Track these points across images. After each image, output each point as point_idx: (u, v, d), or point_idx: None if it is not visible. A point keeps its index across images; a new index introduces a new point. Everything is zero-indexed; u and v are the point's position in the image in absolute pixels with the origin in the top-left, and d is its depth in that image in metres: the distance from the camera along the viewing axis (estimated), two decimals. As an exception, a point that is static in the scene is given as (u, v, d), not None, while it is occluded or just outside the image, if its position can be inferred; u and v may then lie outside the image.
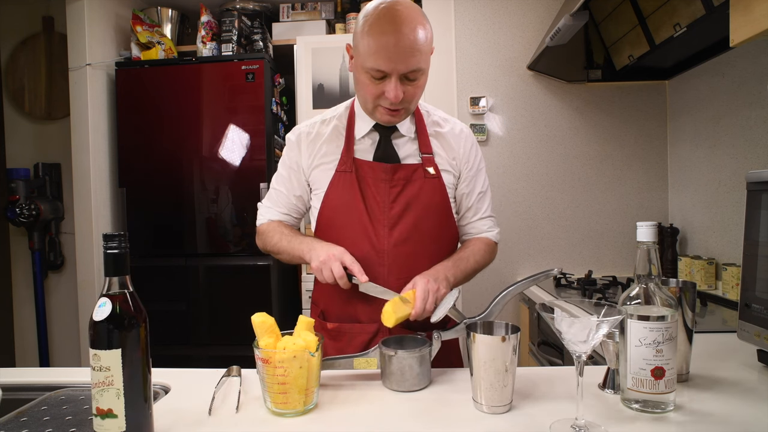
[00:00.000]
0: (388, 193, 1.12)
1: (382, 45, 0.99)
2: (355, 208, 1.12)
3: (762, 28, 1.11)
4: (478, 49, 2.49)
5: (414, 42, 1.00)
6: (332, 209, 1.15)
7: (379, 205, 1.12)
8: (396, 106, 1.06)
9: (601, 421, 0.78)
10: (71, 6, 2.41)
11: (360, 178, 1.13)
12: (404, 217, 1.12)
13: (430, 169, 1.15)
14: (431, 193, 1.14)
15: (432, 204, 1.14)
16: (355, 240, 1.11)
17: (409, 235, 1.12)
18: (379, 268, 1.11)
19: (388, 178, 1.13)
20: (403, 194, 1.13)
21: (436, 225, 1.16)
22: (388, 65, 1.01)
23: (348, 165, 1.14)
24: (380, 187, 1.13)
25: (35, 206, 2.61)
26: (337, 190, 1.14)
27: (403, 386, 0.93)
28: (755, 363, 1.01)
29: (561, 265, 2.42)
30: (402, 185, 1.13)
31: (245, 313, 0.93)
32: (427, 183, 1.14)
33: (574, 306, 1.16)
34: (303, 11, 2.70)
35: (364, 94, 1.09)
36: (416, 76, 1.04)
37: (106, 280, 0.70)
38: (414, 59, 1.01)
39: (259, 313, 0.88)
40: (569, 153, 2.48)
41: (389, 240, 1.12)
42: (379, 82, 1.04)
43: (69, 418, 0.86)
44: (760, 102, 1.77)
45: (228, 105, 2.41)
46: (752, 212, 1.02)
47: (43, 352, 2.74)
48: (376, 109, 1.10)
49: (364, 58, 1.03)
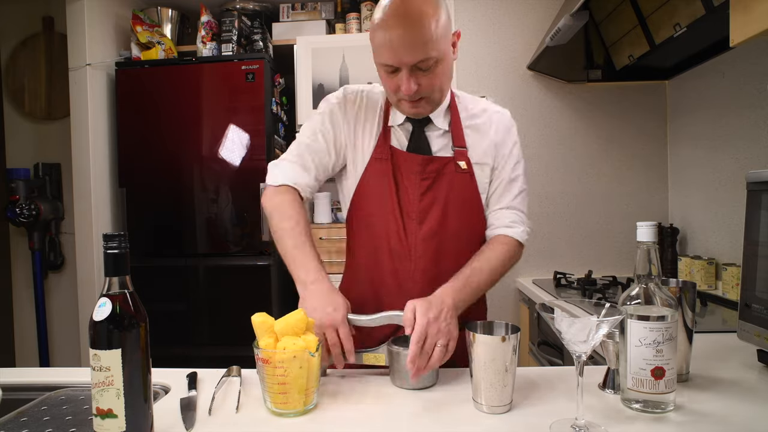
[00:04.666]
0: (418, 186, 1.09)
1: (387, 39, 0.97)
2: (388, 198, 1.10)
3: (762, 28, 1.11)
4: (478, 49, 2.49)
5: (419, 33, 0.96)
6: (366, 197, 1.13)
7: (410, 198, 1.10)
8: (415, 98, 1.03)
9: (601, 421, 0.78)
10: (71, 6, 2.41)
11: (394, 167, 1.10)
12: (432, 212, 1.09)
13: (462, 163, 1.11)
14: (461, 188, 1.11)
15: (461, 199, 1.11)
16: (385, 232, 1.10)
17: (437, 231, 1.09)
18: (407, 262, 1.09)
19: (420, 170, 1.09)
20: (432, 188, 1.10)
21: (464, 221, 1.12)
22: (394, 59, 0.98)
23: (385, 153, 1.11)
24: (412, 179, 1.10)
25: (35, 206, 2.61)
26: (372, 178, 1.12)
27: (407, 384, 0.93)
28: (755, 363, 1.01)
29: (561, 265, 2.42)
30: (432, 178, 1.10)
31: (245, 313, 0.93)
32: (458, 177, 1.11)
33: (574, 306, 1.16)
34: (303, 11, 2.70)
35: (385, 88, 1.08)
36: (428, 66, 0.99)
37: (106, 280, 0.70)
38: (420, 50, 0.97)
39: (259, 313, 0.88)
40: (569, 153, 2.48)
41: (418, 234, 1.09)
42: (393, 76, 1.02)
43: (69, 418, 0.86)
44: (760, 102, 1.77)
45: (228, 105, 2.41)
46: (752, 212, 1.02)
47: (43, 352, 2.74)
48: (399, 103, 1.08)
49: (376, 53, 1.02)
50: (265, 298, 2.38)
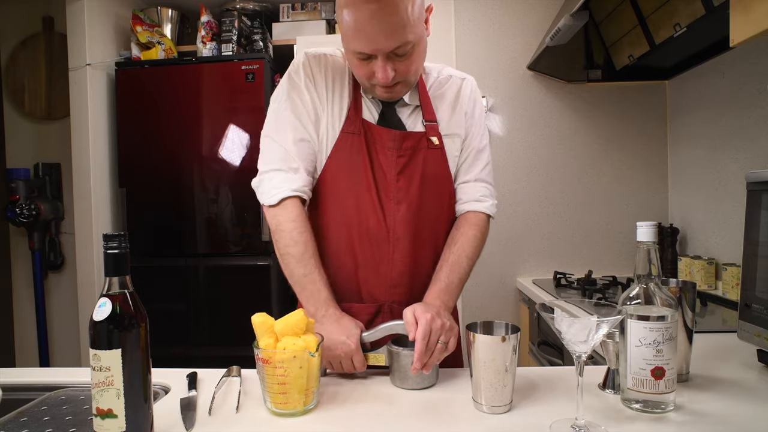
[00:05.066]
0: (395, 164, 1.02)
1: (360, 24, 0.88)
2: (362, 176, 1.02)
3: (762, 28, 1.11)
4: (478, 49, 2.49)
5: (394, 16, 0.87)
6: (337, 173, 1.04)
7: (386, 176, 1.03)
8: (391, 83, 0.96)
9: (601, 421, 0.78)
10: (71, 6, 2.41)
11: (368, 142, 1.02)
12: (410, 191, 1.03)
13: (434, 138, 1.05)
14: (434, 164, 1.06)
15: (435, 177, 1.06)
16: (361, 212, 1.03)
17: (417, 211, 1.04)
18: (385, 245, 1.03)
19: (396, 146, 1.02)
20: (409, 166, 1.03)
21: (438, 200, 1.07)
22: (368, 46, 0.90)
23: (357, 126, 1.02)
24: (388, 155, 1.02)
25: (35, 206, 2.61)
26: (344, 152, 1.03)
27: (407, 384, 0.93)
28: (755, 363, 1.01)
29: (561, 265, 2.42)
30: (409, 156, 1.03)
31: (245, 313, 0.93)
32: (431, 154, 1.05)
33: (574, 306, 1.16)
34: (303, 11, 2.70)
35: (357, 74, 1.00)
36: (405, 51, 0.92)
37: (106, 280, 0.70)
38: (398, 35, 0.89)
39: (259, 313, 0.88)
40: (569, 153, 2.48)
41: (397, 216, 1.03)
42: (367, 62, 0.94)
43: (69, 418, 0.86)
44: (760, 102, 1.77)
45: (228, 105, 2.41)
46: (752, 212, 1.02)
47: (43, 352, 2.74)
48: (372, 88, 1.00)
49: (346, 39, 0.93)
50: (265, 298, 2.38)
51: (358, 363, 0.93)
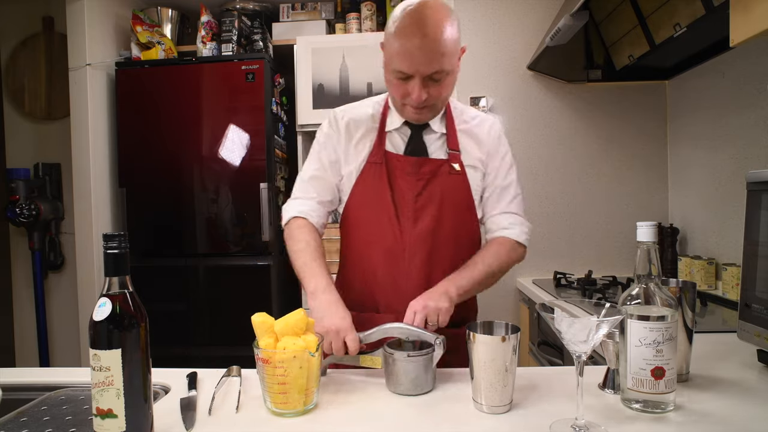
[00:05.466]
0: (414, 186, 1.14)
1: (405, 48, 1.01)
2: (383, 199, 1.14)
3: (762, 28, 1.11)
4: (478, 49, 2.49)
5: (436, 45, 1.00)
6: (361, 200, 1.17)
7: (405, 198, 1.14)
8: (421, 105, 1.08)
9: (601, 421, 0.78)
10: (71, 6, 2.41)
11: (389, 170, 1.15)
12: (427, 212, 1.13)
13: (456, 165, 1.16)
14: (454, 189, 1.16)
15: (455, 200, 1.16)
16: (380, 232, 1.13)
17: (432, 230, 1.13)
18: (401, 261, 1.13)
19: (414, 171, 1.14)
20: (427, 188, 1.14)
21: (457, 221, 1.16)
22: (411, 68, 1.02)
23: (379, 157, 1.16)
24: (407, 180, 1.14)
25: (35, 206, 2.61)
26: (366, 181, 1.16)
27: (400, 389, 0.92)
28: (755, 363, 1.01)
29: (561, 265, 2.42)
30: (427, 179, 1.14)
31: (245, 313, 0.93)
32: (452, 179, 1.16)
33: (574, 306, 1.16)
34: (303, 11, 2.70)
35: (392, 92, 1.12)
36: (440, 77, 1.05)
37: (106, 280, 0.70)
38: (436, 62, 1.01)
39: (259, 313, 0.88)
40: (569, 153, 2.48)
41: (412, 233, 1.13)
42: (404, 83, 1.06)
43: (69, 418, 0.86)
44: (760, 102, 1.77)
45: (228, 105, 2.41)
46: (752, 212, 1.02)
47: (43, 352, 2.74)
48: (403, 107, 1.12)
49: (390, 59, 1.06)
50: (265, 298, 2.38)
51: (351, 342, 0.94)
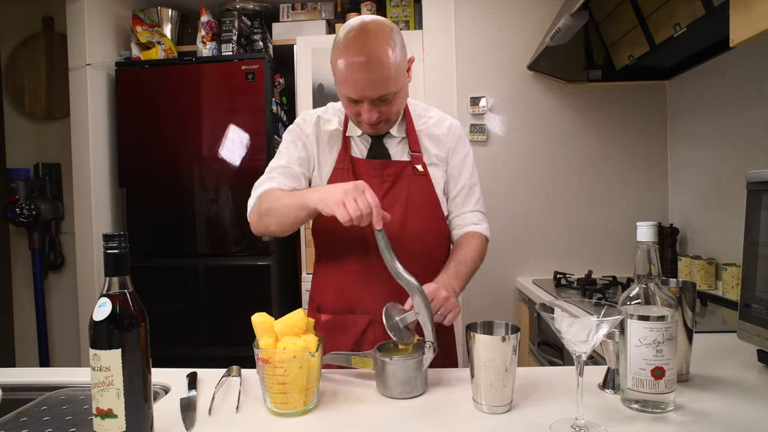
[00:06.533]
0: (379, 188, 1.14)
1: (349, 75, 1.02)
2: None
3: (762, 28, 1.11)
4: (478, 49, 2.49)
5: (380, 72, 1.01)
6: None
7: None
8: (374, 123, 1.10)
9: (601, 421, 0.78)
10: (71, 6, 2.41)
11: (356, 175, 1.16)
12: (393, 213, 1.12)
13: (419, 166, 1.19)
14: (419, 189, 1.18)
15: (419, 201, 1.18)
16: (350, 235, 1.12)
17: (398, 230, 1.13)
18: (372, 263, 1.11)
19: (378, 174, 1.16)
20: (392, 190, 1.16)
21: (423, 221, 1.18)
22: (357, 94, 1.04)
23: (346, 162, 1.18)
24: (372, 183, 1.12)
25: (35, 206, 2.61)
26: None
27: (389, 392, 0.91)
28: (755, 363, 1.01)
29: (561, 265, 2.43)
30: (391, 181, 1.17)
31: (245, 313, 0.93)
32: (415, 180, 1.18)
33: (574, 306, 1.16)
34: (303, 11, 2.70)
35: (346, 109, 1.14)
36: (388, 98, 1.06)
37: (106, 280, 0.70)
38: (381, 87, 1.03)
39: (259, 313, 0.88)
40: (569, 153, 2.48)
41: None
42: (355, 104, 1.08)
43: (69, 418, 0.86)
44: (760, 102, 1.77)
45: (228, 105, 2.41)
46: (752, 212, 1.02)
47: (43, 352, 2.74)
48: (359, 123, 1.15)
49: (337, 83, 1.08)
50: (265, 298, 2.38)
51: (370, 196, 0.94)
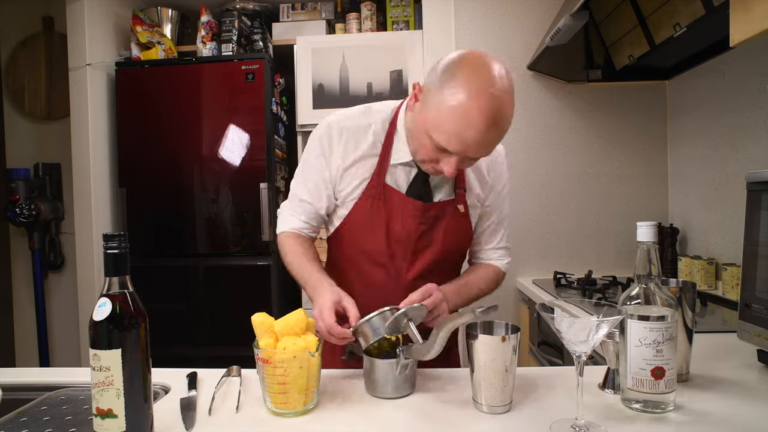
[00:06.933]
0: (416, 230, 1.06)
1: (460, 133, 0.87)
2: (378, 237, 1.07)
3: (762, 28, 1.10)
4: (477, 49, 2.48)
5: (499, 134, 0.91)
6: (353, 233, 1.10)
7: (403, 241, 1.07)
8: None
9: (601, 421, 0.78)
10: (71, 6, 2.41)
11: (388, 208, 1.05)
12: (426, 255, 1.09)
13: (461, 207, 1.09)
14: (456, 231, 1.10)
15: (456, 240, 1.11)
16: (372, 272, 1.09)
17: (429, 271, 1.08)
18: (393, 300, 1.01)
19: (418, 215, 1.06)
20: (428, 232, 1.08)
21: (456, 262, 1.16)
22: (459, 150, 0.90)
23: (378, 191, 1.05)
24: (408, 223, 1.06)
25: (35, 206, 2.61)
26: (361, 215, 1.07)
27: (378, 392, 0.90)
28: (755, 363, 1.01)
29: (561, 265, 2.43)
30: (430, 224, 1.07)
31: (245, 313, 0.93)
32: (454, 221, 1.09)
33: (574, 306, 1.16)
34: (303, 11, 2.70)
35: (419, 150, 0.98)
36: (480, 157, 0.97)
37: (106, 280, 0.70)
38: (486, 151, 0.93)
39: (259, 313, 0.88)
40: (569, 153, 2.48)
41: (408, 273, 1.09)
42: (439, 153, 0.93)
43: (69, 418, 0.86)
44: (760, 102, 1.77)
45: (228, 105, 2.41)
46: (752, 212, 1.02)
47: (43, 352, 2.74)
48: (423, 163, 1.00)
49: (433, 127, 0.90)
50: (265, 298, 2.38)
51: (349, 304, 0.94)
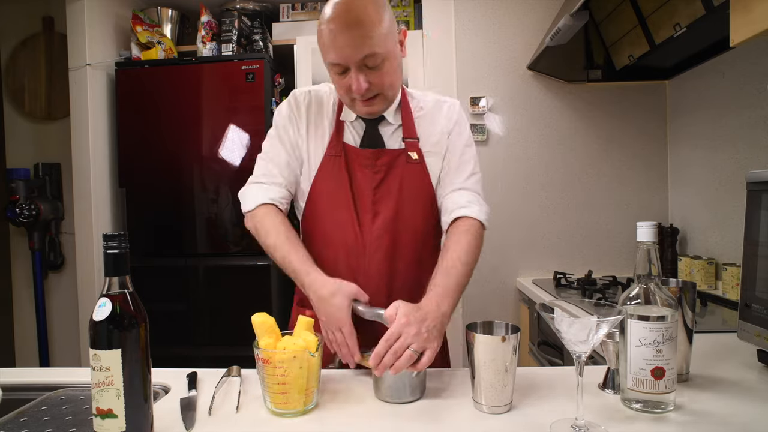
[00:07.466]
0: (371, 179, 1.09)
1: (331, 38, 0.98)
2: (342, 194, 1.09)
3: (762, 28, 1.11)
4: (478, 49, 2.49)
5: (361, 29, 0.96)
6: (320, 195, 1.12)
7: (364, 193, 1.09)
8: (367, 96, 1.03)
9: (601, 421, 0.78)
10: (71, 6, 2.41)
11: (348, 163, 1.10)
12: (386, 204, 1.09)
13: (413, 154, 1.11)
14: (413, 179, 1.11)
15: (414, 190, 1.11)
16: (340, 229, 1.09)
17: (391, 225, 1.08)
18: (361, 258, 1.08)
19: (371, 163, 1.10)
20: (385, 181, 1.10)
21: (417, 213, 1.11)
22: (339, 56, 0.98)
23: (338, 149, 1.11)
24: (365, 173, 1.10)
25: (35, 206, 2.61)
26: (325, 175, 1.11)
27: (381, 395, 0.89)
28: (755, 363, 1.01)
29: (561, 265, 2.42)
30: (385, 171, 1.10)
31: (245, 313, 0.93)
32: (410, 169, 1.11)
33: (574, 306, 1.16)
34: (303, 11, 2.70)
35: (337, 90, 1.08)
36: (375, 63, 0.99)
37: (106, 280, 0.70)
38: (364, 46, 0.96)
39: (259, 313, 0.88)
40: (569, 153, 2.48)
41: (372, 228, 1.08)
42: (344, 76, 1.01)
43: (69, 418, 0.86)
44: (760, 102, 1.77)
45: (228, 105, 2.40)
46: (752, 212, 1.02)
47: (43, 352, 2.73)
48: (352, 103, 1.07)
49: (324, 54, 1.02)
50: (265, 298, 2.38)
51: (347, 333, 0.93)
